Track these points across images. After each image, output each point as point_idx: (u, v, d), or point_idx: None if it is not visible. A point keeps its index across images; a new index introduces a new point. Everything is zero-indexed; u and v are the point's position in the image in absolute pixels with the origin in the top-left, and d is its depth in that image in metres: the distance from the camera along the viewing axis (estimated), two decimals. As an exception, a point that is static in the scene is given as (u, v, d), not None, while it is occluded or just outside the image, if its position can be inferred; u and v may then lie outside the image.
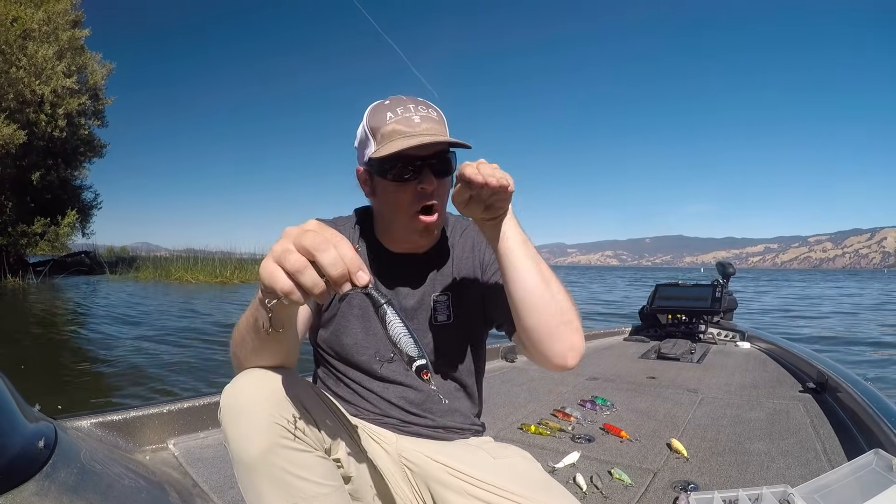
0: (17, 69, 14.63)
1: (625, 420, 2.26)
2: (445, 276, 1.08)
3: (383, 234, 1.07)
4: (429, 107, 0.98)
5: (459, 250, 1.10)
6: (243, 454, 0.76)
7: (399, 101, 0.97)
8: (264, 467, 0.76)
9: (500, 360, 3.52)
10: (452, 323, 1.07)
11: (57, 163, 17.72)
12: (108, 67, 18.46)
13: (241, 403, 0.77)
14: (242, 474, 0.78)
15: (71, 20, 16.70)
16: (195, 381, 4.34)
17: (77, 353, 5.55)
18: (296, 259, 0.60)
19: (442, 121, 0.98)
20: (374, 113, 0.96)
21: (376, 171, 0.97)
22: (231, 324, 0.86)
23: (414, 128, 0.93)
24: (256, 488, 0.77)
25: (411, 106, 0.95)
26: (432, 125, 0.94)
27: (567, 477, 1.65)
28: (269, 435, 0.75)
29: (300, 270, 0.60)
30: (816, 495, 1.31)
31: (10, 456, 1.00)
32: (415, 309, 1.07)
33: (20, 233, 16.73)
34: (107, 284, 15.57)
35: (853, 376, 2.49)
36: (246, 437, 0.76)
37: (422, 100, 0.99)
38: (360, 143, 1.00)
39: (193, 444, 1.85)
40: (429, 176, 0.94)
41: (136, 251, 31.13)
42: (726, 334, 4.54)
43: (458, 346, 1.09)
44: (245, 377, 0.80)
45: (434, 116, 0.96)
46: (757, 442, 1.97)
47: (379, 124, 0.95)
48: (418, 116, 0.94)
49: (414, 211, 0.96)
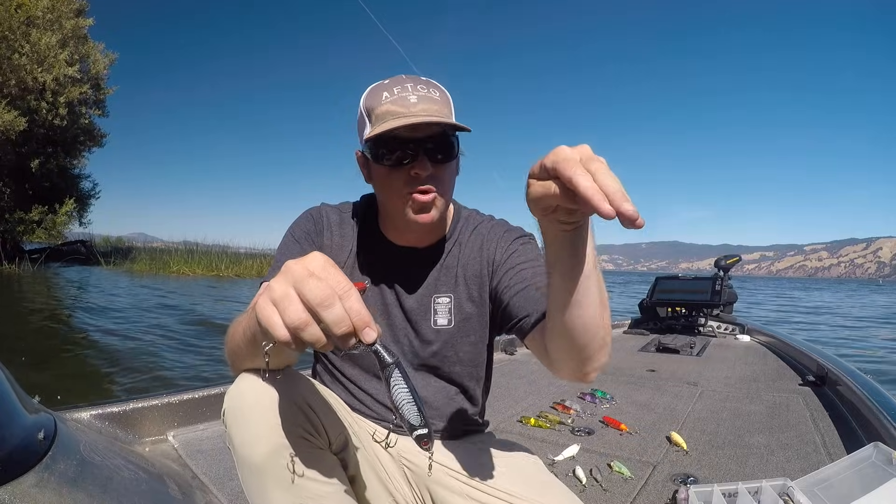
0: (19, 56, 14.55)
1: (624, 413, 2.27)
2: (450, 276, 1.03)
3: (386, 224, 1.03)
4: (430, 86, 0.92)
5: (468, 249, 1.04)
6: (250, 456, 0.74)
7: (398, 80, 0.92)
8: (272, 469, 0.74)
9: (499, 352, 3.52)
10: (452, 328, 1.02)
11: (56, 151, 17.67)
12: (110, 57, 18.36)
13: (246, 406, 0.76)
14: (249, 476, 0.76)
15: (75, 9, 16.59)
16: (196, 372, 4.35)
17: (73, 342, 5.55)
18: (296, 312, 0.53)
19: (445, 101, 0.92)
20: (372, 93, 0.92)
21: (371, 154, 0.93)
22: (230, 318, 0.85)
23: (408, 108, 0.88)
24: (264, 490, 0.75)
25: (409, 85, 0.90)
26: (430, 105, 0.89)
27: (566, 470, 1.65)
28: (276, 436, 0.74)
29: (300, 327, 0.53)
30: (816, 488, 1.31)
31: (10, 447, 0.99)
32: (414, 310, 1.02)
33: (17, 220, 16.68)
34: (102, 274, 15.54)
35: (853, 369, 2.50)
36: (252, 440, 0.74)
37: (425, 79, 0.93)
38: (358, 124, 0.96)
39: (193, 436, 1.84)
40: (423, 160, 0.89)
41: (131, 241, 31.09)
42: (726, 327, 4.55)
43: (458, 350, 1.04)
44: (247, 379, 0.78)
45: (435, 96, 0.91)
46: (757, 435, 1.98)
47: (374, 105, 0.90)
48: (415, 96, 0.89)
49: (406, 193, 0.91)
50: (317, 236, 1.03)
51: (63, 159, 18.08)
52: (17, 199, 16.71)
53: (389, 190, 0.93)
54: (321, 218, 1.05)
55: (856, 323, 13.26)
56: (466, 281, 1.03)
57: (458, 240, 1.05)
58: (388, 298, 1.03)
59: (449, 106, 0.93)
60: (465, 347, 1.04)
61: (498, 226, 1.07)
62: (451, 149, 0.92)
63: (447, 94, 0.94)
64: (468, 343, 1.04)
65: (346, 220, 1.06)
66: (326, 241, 1.03)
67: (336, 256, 1.02)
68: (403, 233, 1.02)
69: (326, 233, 1.03)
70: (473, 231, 1.06)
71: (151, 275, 16.57)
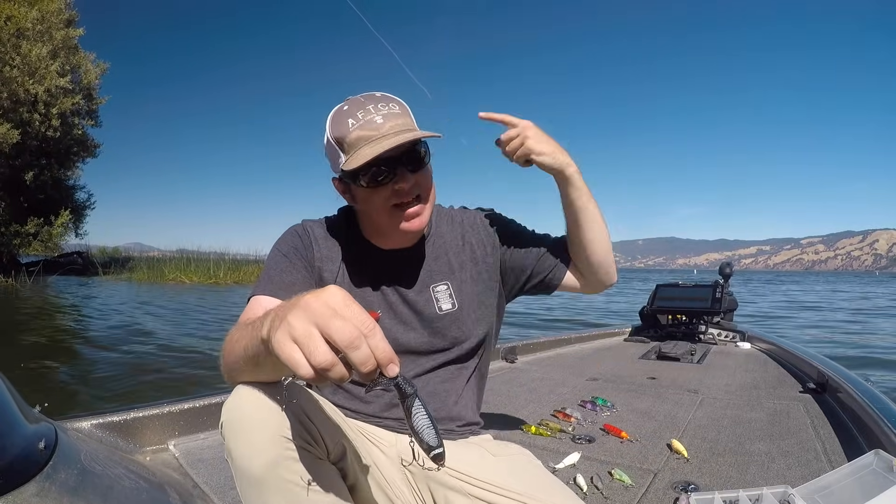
0: (10, 68, 14.58)
1: (625, 420, 2.26)
2: (441, 265, 1.09)
3: (371, 232, 1.07)
4: (388, 101, 0.97)
5: (451, 238, 1.12)
6: (249, 469, 0.74)
7: (357, 103, 0.96)
8: (272, 481, 0.74)
9: (500, 360, 3.51)
10: (457, 309, 1.08)
11: (50, 162, 17.65)
12: (101, 67, 18.39)
13: (245, 417, 0.75)
14: (248, 489, 0.76)
15: (65, 19, 16.63)
16: (197, 380, 4.34)
17: (73, 354, 5.54)
18: (324, 355, 0.53)
19: (406, 112, 0.97)
20: (336, 122, 0.95)
21: (350, 179, 0.97)
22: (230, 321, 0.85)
23: (378, 129, 0.92)
24: (264, 502, 0.75)
25: (371, 107, 0.94)
26: (396, 121, 0.93)
27: (567, 477, 1.64)
28: (275, 448, 0.74)
29: (328, 369, 0.53)
30: (817, 496, 1.31)
31: (11, 457, 0.99)
32: (417, 302, 1.07)
33: (13, 233, 16.66)
34: (100, 285, 15.50)
35: (854, 377, 2.50)
36: (252, 452, 0.74)
37: (380, 94, 0.98)
38: (329, 153, 1.00)
39: (194, 445, 1.84)
40: (402, 174, 0.94)
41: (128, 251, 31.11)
42: (726, 335, 4.54)
43: (468, 329, 1.10)
44: (244, 390, 0.77)
45: (396, 111, 0.95)
46: (757, 442, 1.97)
47: (343, 134, 0.94)
48: (380, 116, 0.93)
49: (392, 205, 0.96)
50: (305, 250, 1.06)
51: (57, 171, 18.06)
52: (12, 211, 16.68)
53: (376, 207, 0.98)
54: (306, 233, 1.08)
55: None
56: (462, 265, 1.10)
57: (437, 232, 1.12)
58: (391, 298, 1.07)
59: (410, 115, 0.98)
60: (473, 325, 1.11)
61: (469, 212, 1.19)
62: (424, 156, 0.98)
63: (404, 103, 1.00)
64: (475, 320, 1.11)
65: (331, 233, 1.09)
66: (316, 253, 1.06)
67: (327, 267, 1.06)
68: (391, 239, 1.06)
69: (315, 246, 1.06)
70: (449, 221, 1.14)
71: (149, 283, 16.55)
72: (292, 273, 1.00)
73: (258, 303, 0.95)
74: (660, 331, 4.75)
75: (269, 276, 1.00)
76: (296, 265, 1.02)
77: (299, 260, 1.03)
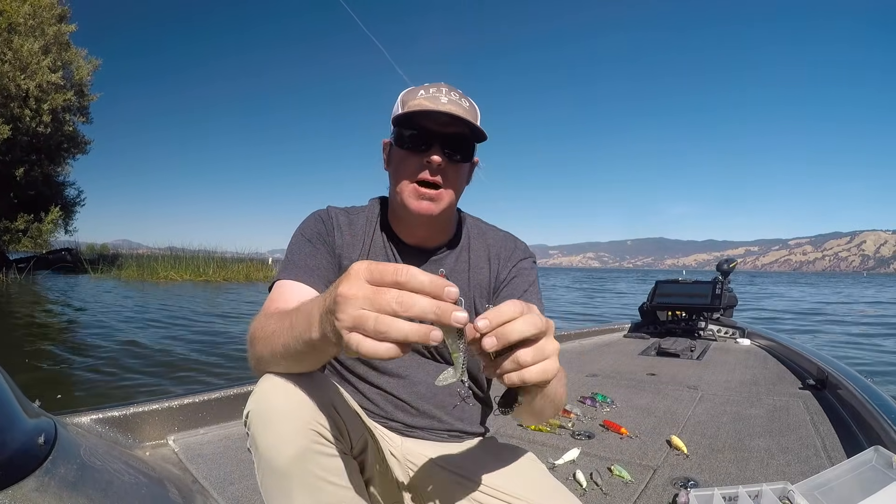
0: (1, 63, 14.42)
1: (625, 417, 2.26)
2: (460, 278, 1.06)
3: (396, 221, 1.07)
4: (462, 96, 0.99)
5: (476, 256, 1.09)
6: (276, 460, 0.73)
7: (436, 85, 1.00)
8: (297, 473, 0.73)
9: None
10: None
11: (41, 159, 17.46)
12: (94, 63, 18.23)
13: (273, 408, 0.74)
14: (272, 481, 0.75)
15: (57, 15, 16.45)
16: (194, 376, 4.34)
17: (66, 349, 5.52)
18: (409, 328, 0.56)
19: (472, 112, 0.98)
20: (410, 91, 1.00)
21: (395, 137, 0.99)
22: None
23: (436, 104, 0.94)
24: (288, 494, 0.75)
25: (444, 89, 0.98)
26: (458, 108, 0.95)
27: (567, 473, 1.65)
28: (303, 439, 0.73)
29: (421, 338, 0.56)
30: (816, 492, 1.31)
31: (11, 451, 0.99)
32: None
33: (3, 229, 16.50)
34: (90, 282, 15.40)
35: (853, 373, 2.50)
36: (280, 443, 0.73)
37: (460, 91, 1.01)
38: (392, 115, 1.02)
39: (193, 440, 1.84)
40: (437, 150, 0.95)
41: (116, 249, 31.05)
42: (726, 331, 4.55)
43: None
44: (272, 381, 0.76)
45: (465, 105, 0.97)
46: (757, 439, 1.97)
47: (409, 98, 0.97)
48: (447, 98, 0.95)
49: (417, 179, 0.96)
50: (328, 236, 1.05)
51: (48, 167, 17.89)
52: (2, 207, 16.48)
53: (401, 173, 0.98)
54: (330, 219, 1.07)
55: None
56: (470, 288, 1.07)
57: (466, 245, 1.10)
58: None
59: (475, 117, 0.98)
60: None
61: (507, 238, 1.13)
62: (467, 150, 0.98)
63: (476, 107, 1.01)
64: None
65: (355, 221, 1.08)
66: (337, 240, 1.05)
67: (346, 254, 1.05)
68: (410, 228, 1.05)
69: (337, 233, 1.06)
70: (481, 237, 1.11)
71: (139, 281, 16.49)
72: (316, 258, 1.01)
73: (284, 287, 0.95)
74: (659, 327, 4.76)
75: (293, 260, 1.00)
76: (319, 250, 1.02)
77: (322, 245, 1.03)
